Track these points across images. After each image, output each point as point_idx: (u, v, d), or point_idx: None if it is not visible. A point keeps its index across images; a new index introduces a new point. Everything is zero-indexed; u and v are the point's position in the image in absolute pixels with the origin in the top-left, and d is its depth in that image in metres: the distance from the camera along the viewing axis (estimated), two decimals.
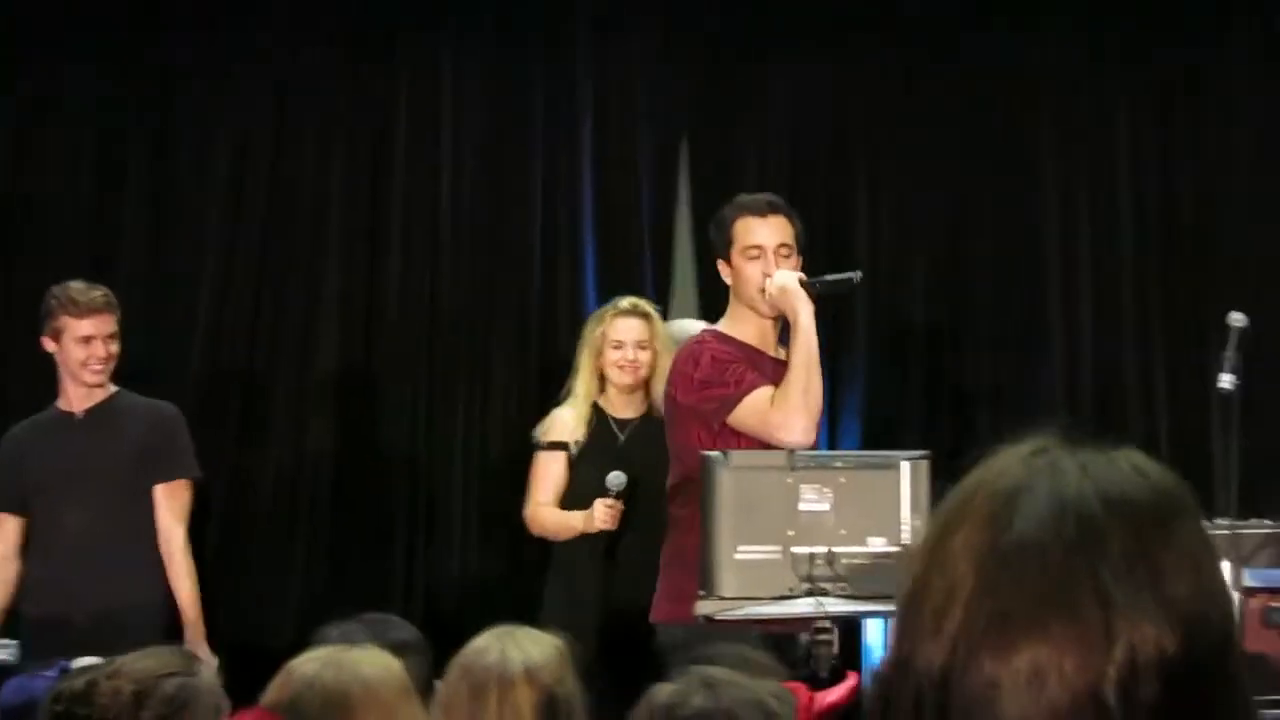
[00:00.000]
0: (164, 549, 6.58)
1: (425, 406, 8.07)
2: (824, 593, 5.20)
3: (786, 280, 5.62)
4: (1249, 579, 6.51)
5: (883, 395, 8.20)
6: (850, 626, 5.98)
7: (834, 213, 8.29)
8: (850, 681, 3.71)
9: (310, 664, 3.48)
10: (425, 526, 8.05)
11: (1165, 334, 8.27)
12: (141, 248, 7.99)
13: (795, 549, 5.24)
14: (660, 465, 5.99)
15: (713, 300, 7.98)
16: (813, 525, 5.25)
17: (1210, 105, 8.41)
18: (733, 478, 5.27)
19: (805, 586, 5.22)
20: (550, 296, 8.09)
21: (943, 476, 7.10)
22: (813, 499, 5.26)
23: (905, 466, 5.28)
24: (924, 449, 5.53)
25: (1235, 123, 8.37)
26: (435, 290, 8.09)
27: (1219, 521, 6.96)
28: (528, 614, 7.11)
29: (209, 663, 5.72)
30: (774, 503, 5.25)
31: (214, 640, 6.49)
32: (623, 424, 6.70)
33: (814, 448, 5.68)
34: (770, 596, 5.24)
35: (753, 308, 5.71)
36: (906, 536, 5.24)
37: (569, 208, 8.14)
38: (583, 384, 6.72)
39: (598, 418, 6.71)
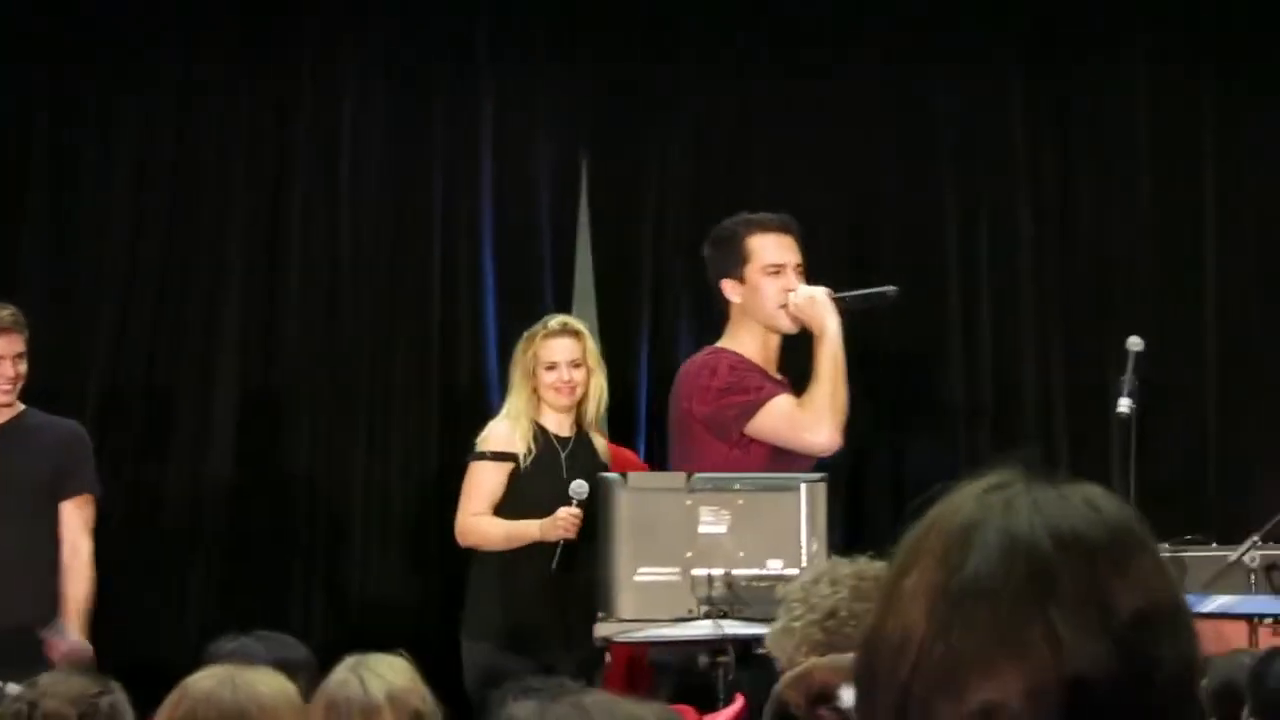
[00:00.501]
0: (69, 560, 6.53)
1: (326, 426, 8.01)
2: (723, 615, 5.21)
3: (815, 292, 5.64)
4: None
5: None
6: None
7: None
8: (739, 704, 3.71)
9: (206, 681, 3.47)
10: (325, 546, 7.99)
11: (1065, 354, 8.30)
12: (40, 266, 7.91)
13: (694, 571, 5.25)
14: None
15: (612, 318, 8.02)
16: (711, 547, 5.26)
17: (1109, 123, 8.44)
18: (631, 499, 5.27)
19: (704, 609, 5.23)
20: (451, 315, 8.05)
21: (842, 497, 7.15)
22: (711, 521, 5.27)
23: (803, 489, 5.30)
24: (824, 470, 5.55)
25: (1134, 142, 8.40)
26: (336, 308, 8.03)
27: None
28: (425, 633, 7.16)
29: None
30: (673, 525, 5.26)
31: (108, 657, 6.42)
32: (563, 442, 6.67)
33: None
34: (669, 618, 5.25)
35: (768, 324, 5.73)
36: (805, 558, 5.25)
37: (468, 227, 8.10)
38: (518, 402, 6.69)
39: (541, 434, 6.67)
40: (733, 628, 5.16)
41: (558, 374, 6.63)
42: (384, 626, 7.15)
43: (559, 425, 6.70)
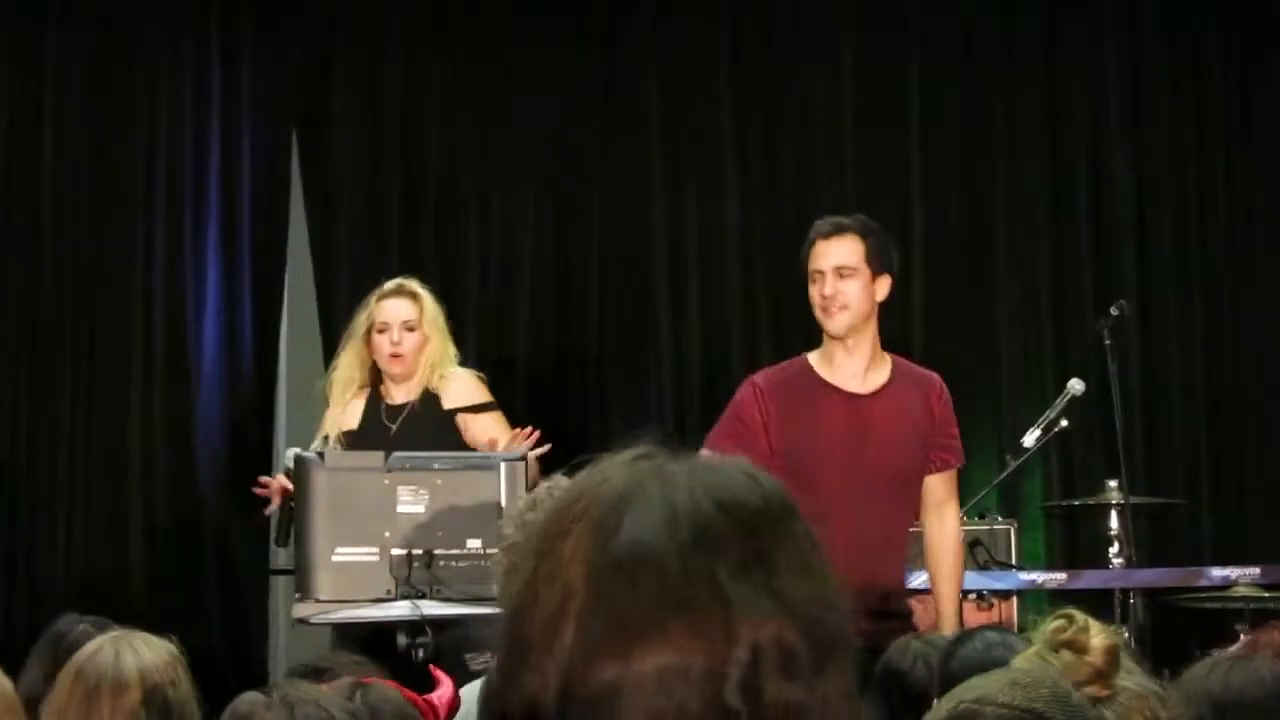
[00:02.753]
0: None
1: (26, 398, 7.81)
2: (421, 595, 5.13)
3: None
4: None
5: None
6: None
7: (442, 235, 8.27)
8: (448, 688, 3.64)
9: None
10: (28, 524, 7.79)
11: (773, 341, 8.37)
12: None
13: (394, 551, 5.17)
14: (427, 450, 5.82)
15: (330, 300, 7.91)
16: (410, 527, 5.18)
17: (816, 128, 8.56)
18: (328, 478, 5.18)
19: (403, 589, 5.15)
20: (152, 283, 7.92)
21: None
22: (410, 500, 5.19)
23: (503, 468, 5.24)
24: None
25: (838, 149, 8.51)
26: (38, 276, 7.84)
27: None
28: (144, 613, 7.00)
29: None
30: (371, 504, 5.17)
31: None
32: (394, 411, 6.21)
33: None
34: (368, 599, 5.16)
35: (822, 327, 5.59)
36: (505, 538, 5.19)
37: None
38: (339, 376, 6.23)
39: (371, 407, 6.23)
40: (431, 608, 5.07)
41: (387, 336, 6.18)
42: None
43: (397, 393, 6.23)
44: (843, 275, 5.55)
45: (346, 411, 6.22)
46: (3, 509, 7.76)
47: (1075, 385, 7.00)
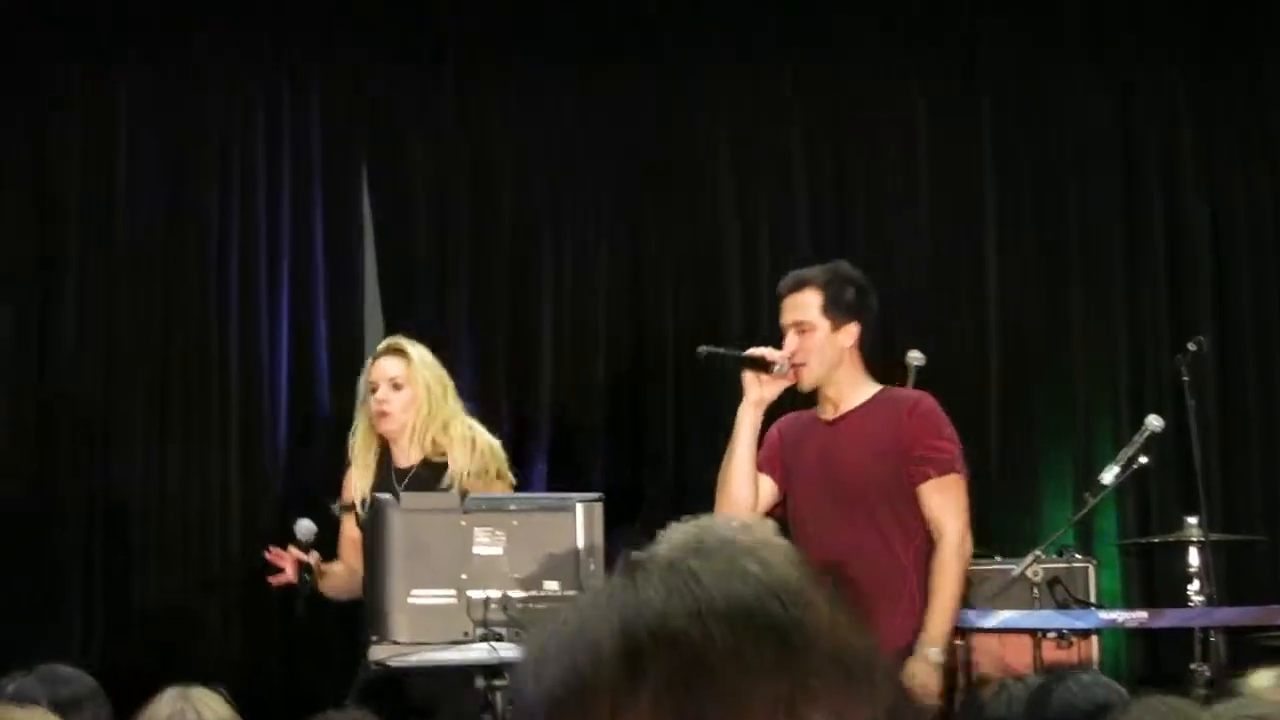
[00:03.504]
0: None
1: (102, 445, 7.81)
2: (499, 637, 5.11)
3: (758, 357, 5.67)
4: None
5: (568, 434, 8.15)
6: None
7: (517, 241, 8.23)
8: None
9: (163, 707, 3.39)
10: (104, 570, 7.78)
11: None
12: None
13: (470, 593, 5.15)
14: None
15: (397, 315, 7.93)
16: (486, 568, 5.16)
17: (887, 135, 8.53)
18: (404, 520, 5.17)
19: (480, 631, 5.13)
20: (229, 314, 7.92)
21: (619, 517, 7.10)
22: (486, 542, 5.17)
23: (579, 509, 5.22)
24: (602, 490, 5.48)
25: (912, 157, 8.51)
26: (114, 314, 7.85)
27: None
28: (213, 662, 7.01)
29: None
30: (447, 546, 5.16)
31: None
32: (402, 474, 6.15)
33: None
34: (444, 641, 5.14)
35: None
36: (582, 580, 5.17)
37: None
38: (359, 440, 6.21)
39: (384, 471, 6.18)
40: (509, 650, 5.05)
41: (375, 397, 6.14)
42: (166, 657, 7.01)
43: (401, 455, 6.19)
44: (802, 330, 5.61)
45: (363, 477, 6.20)
46: (80, 558, 7.76)
47: (1153, 422, 6.92)
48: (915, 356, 6.91)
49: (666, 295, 8.34)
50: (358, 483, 6.19)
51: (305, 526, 6.06)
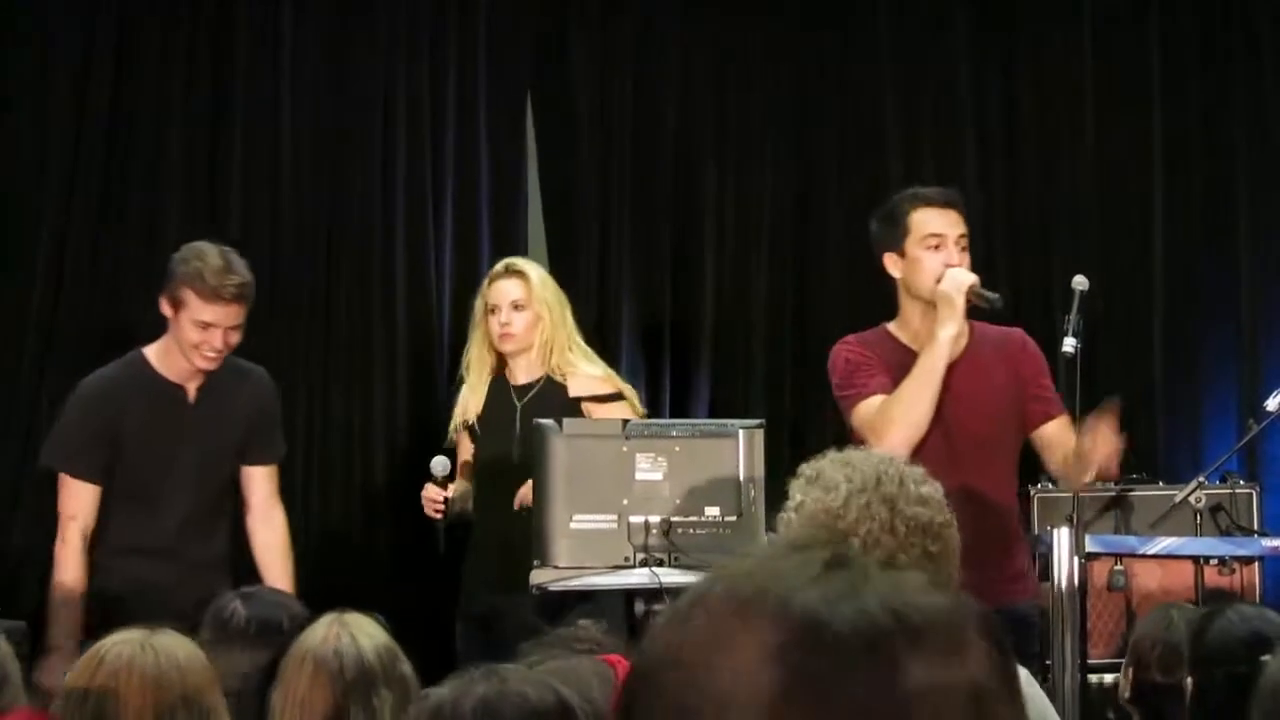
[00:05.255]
0: None
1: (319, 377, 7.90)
2: (659, 562, 5.15)
3: (952, 287, 5.39)
4: (1091, 544, 6.49)
5: (728, 366, 8.16)
6: None
7: (680, 191, 8.25)
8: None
9: (123, 647, 3.44)
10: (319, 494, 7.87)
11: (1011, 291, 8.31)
12: None
13: (631, 518, 5.20)
14: None
15: (563, 255, 7.95)
16: (648, 494, 5.20)
17: (1054, 67, 8.46)
18: (567, 446, 5.21)
19: (640, 556, 5.17)
20: (393, 254, 7.96)
21: (783, 443, 7.13)
22: (647, 468, 5.21)
23: (741, 436, 5.24)
24: (762, 417, 5.48)
25: (1079, 83, 8.42)
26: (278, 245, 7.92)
27: (1063, 484, 6.99)
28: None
29: None
30: (609, 472, 5.20)
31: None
32: (522, 390, 6.34)
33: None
34: (605, 566, 5.20)
35: (929, 299, 5.44)
36: (743, 507, 5.20)
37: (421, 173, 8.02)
38: (473, 358, 6.41)
39: (497, 388, 6.38)
40: (669, 576, 5.09)
41: (497, 318, 6.30)
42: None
43: (520, 373, 6.37)
44: (964, 249, 5.48)
45: (474, 396, 6.37)
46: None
47: (1079, 280, 6.72)
48: (1080, 281, 6.83)
49: (831, 225, 8.32)
50: (470, 402, 6.39)
51: (440, 463, 6.19)
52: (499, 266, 6.47)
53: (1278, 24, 8.58)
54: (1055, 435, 5.48)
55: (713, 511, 5.22)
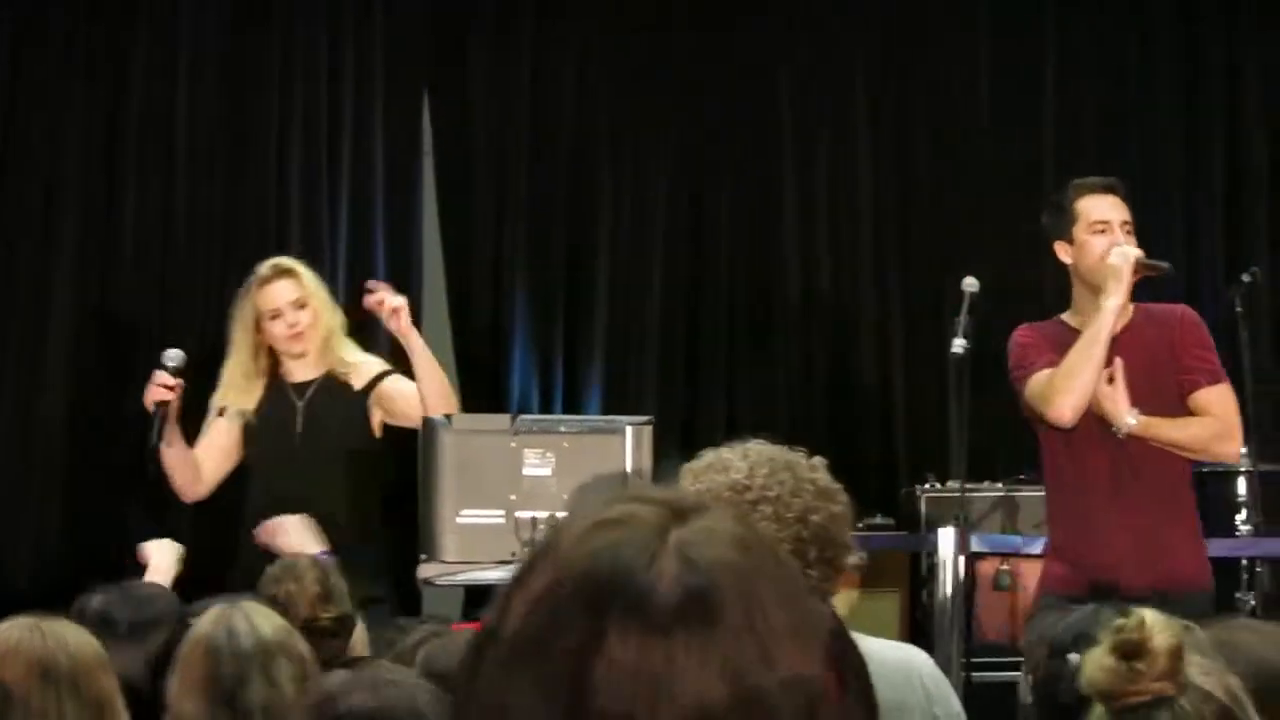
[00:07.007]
0: None
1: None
2: None
3: (1119, 258, 5.38)
4: (976, 544, 6.56)
5: (620, 359, 8.18)
6: None
7: (577, 192, 8.29)
8: None
9: (12, 631, 3.42)
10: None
11: (902, 291, 8.38)
12: None
13: (518, 513, 5.21)
14: (340, 429, 5.86)
15: (459, 255, 7.95)
16: (536, 490, 5.22)
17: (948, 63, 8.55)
18: (454, 440, 5.23)
19: (527, 551, 5.18)
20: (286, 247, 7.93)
21: (673, 443, 7.14)
22: (536, 463, 5.23)
23: (629, 431, 5.26)
24: (652, 414, 5.52)
25: (974, 83, 8.51)
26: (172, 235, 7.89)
27: (950, 485, 7.06)
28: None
29: None
30: (497, 467, 5.21)
31: None
32: (300, 388, 6.12)
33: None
34: (492, 561, 5.21)
35: (1097, 283, 5.45)
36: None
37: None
38: (240, 363, 6.14)
39: (274, 387, 6.15)
40: None
41: (283, 320, 6.07)
42: None
43: (297, 371, 6.14)
44: (1129, 231, 5.52)
45: (248, 396, 6.13)
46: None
47: (969, 282, 6.74)
48: (970, 283, 6.90)
49: (724, 222, 8.36)
50: (241, 403, 6.14)
51: (175, 354, 5.92)
52: (266, 270, 6.17)
53: (1174, 30, 8.68)
54: (1204, 406, 5.48)
55: None
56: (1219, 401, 5.47)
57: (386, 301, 5.85)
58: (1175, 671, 2.35)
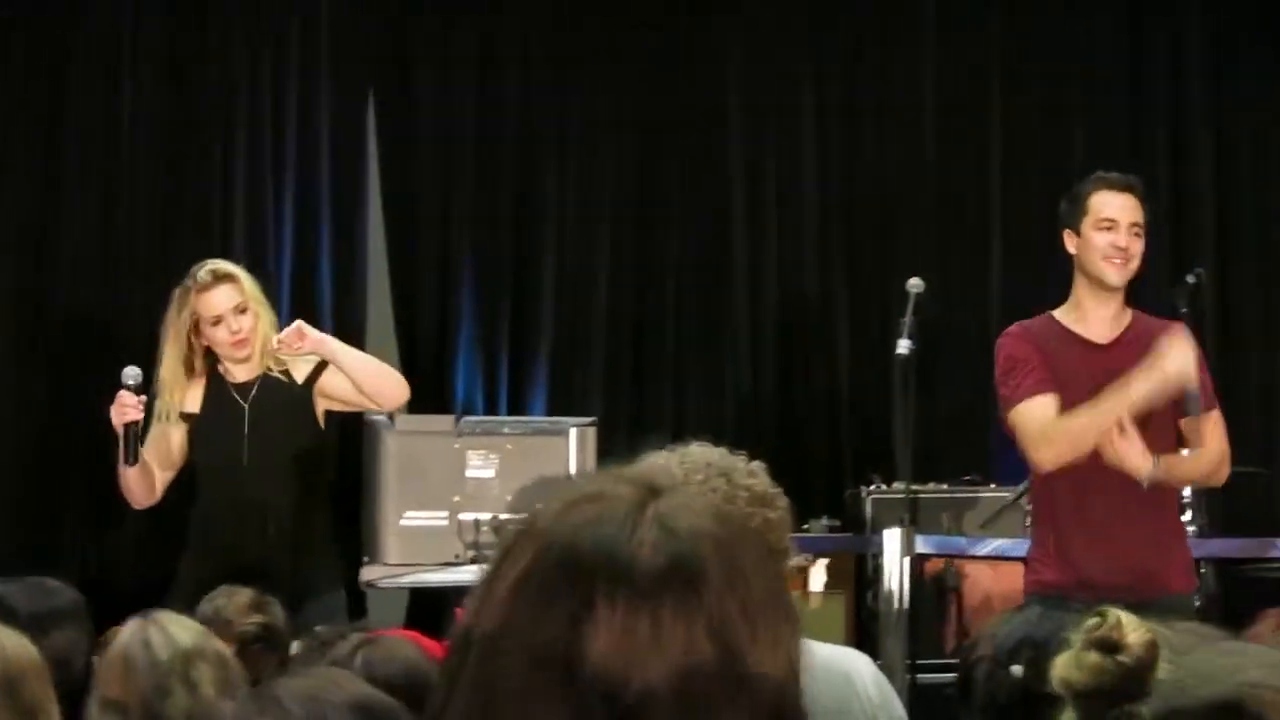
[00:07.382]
0: None
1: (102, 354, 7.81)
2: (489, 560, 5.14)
3: (1178, 366, 5.23)
4: (922, 545, 6.55)
5: (565, 360, 8.16)
6: None
7: (522, 179, 8.25)
8: None
9: None
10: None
11: (848, 291, 8.38)
12: None
13: (462, 515, 5.19)
14: (287, 426, 5.80)
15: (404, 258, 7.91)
16: (480, 491, 5.20)
17: (895, 67, 8.55)
18: (397, 442, 5.20)
19: (471, 554, 5.17)
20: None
21: (620, 443, 7.12)
22: (479, 465, 5.21)
23: (573, 433, 5.25)
24: (599, 415, 5.50)
25: (919, 87, 8.51)
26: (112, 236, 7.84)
27: (896, 486, 7.05)
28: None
29: None
30: (440, 469, 5.20)
31: None
32: (244, 389, 6.03)
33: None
34: (436, 563, 5.19)
35: (1095, 275, 5.42)
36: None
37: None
38: (176, 369, 6.00)
39: (216, 388, 6.06)
40: None
41: (225, 326, 5.98)
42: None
43: (239, 372, 6.05)
44: (1137, 234, 5.45)
45: (185, 398, 6.04)
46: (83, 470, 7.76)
47: (914, 283, 6.74)
48: (915, 283, 6.88)
49: (672, 222, 8.35)
50: (184, 406, 6.04)
51: (134, 371, 5.87)
52: (204, 276, 6.05)
53: (1118, 34, 8.70)
54: (1204, 433, 5.44)
55: None
56: (1217, 429, 5.45)
57: (285, 341, 5.82)
58: (1153, 664, 2.33)
